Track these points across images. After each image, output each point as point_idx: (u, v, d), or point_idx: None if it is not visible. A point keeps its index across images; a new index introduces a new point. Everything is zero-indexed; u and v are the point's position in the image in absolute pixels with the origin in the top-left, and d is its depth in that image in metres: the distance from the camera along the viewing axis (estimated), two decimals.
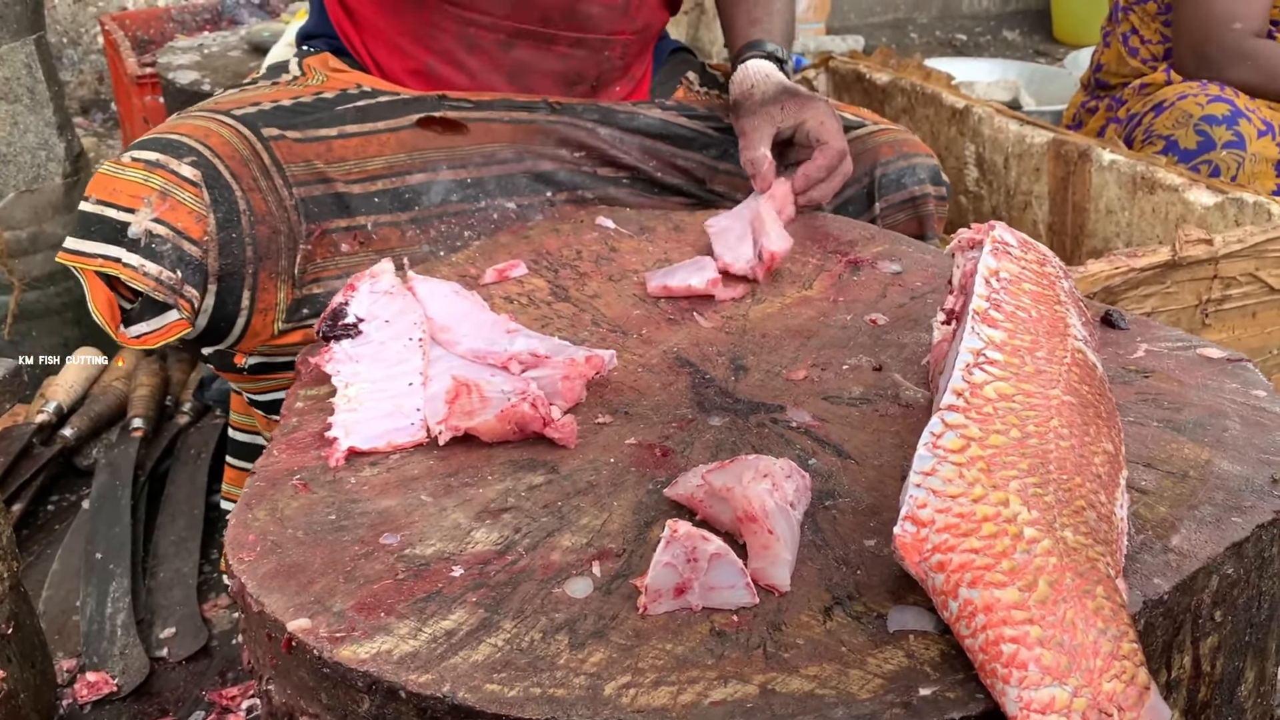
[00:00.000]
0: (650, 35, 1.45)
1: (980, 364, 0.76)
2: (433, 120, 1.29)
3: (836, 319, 1.06)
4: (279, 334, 1.18)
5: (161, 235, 1.08)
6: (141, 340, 1.12)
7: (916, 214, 1.40)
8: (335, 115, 1.27)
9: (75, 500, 1.80)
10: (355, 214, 1.23)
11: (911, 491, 0.68)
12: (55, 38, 3.80)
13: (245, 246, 1.13)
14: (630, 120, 1.38)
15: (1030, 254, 0.90)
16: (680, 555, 0.67)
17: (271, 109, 1.24)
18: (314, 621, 0.68)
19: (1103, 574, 0.64)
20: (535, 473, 0.83)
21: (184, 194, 1.10)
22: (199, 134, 1.15)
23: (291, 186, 1.19)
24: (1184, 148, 1.86)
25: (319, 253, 1.21)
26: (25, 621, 1.26)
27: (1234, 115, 1.83)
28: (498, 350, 0.95)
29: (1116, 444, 0.76)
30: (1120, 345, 0.98)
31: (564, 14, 1.32)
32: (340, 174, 1.23)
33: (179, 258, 1.09)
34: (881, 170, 1.38)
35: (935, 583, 0.65)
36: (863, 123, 1.43)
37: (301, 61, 1.38)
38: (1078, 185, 1.84)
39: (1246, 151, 1.81)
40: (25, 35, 1.88)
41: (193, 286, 1.10)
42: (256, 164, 1.17)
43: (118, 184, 1.11)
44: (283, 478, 0.83)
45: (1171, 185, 1.67)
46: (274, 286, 1.16)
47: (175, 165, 1.11)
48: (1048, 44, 5.12)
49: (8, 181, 1.89)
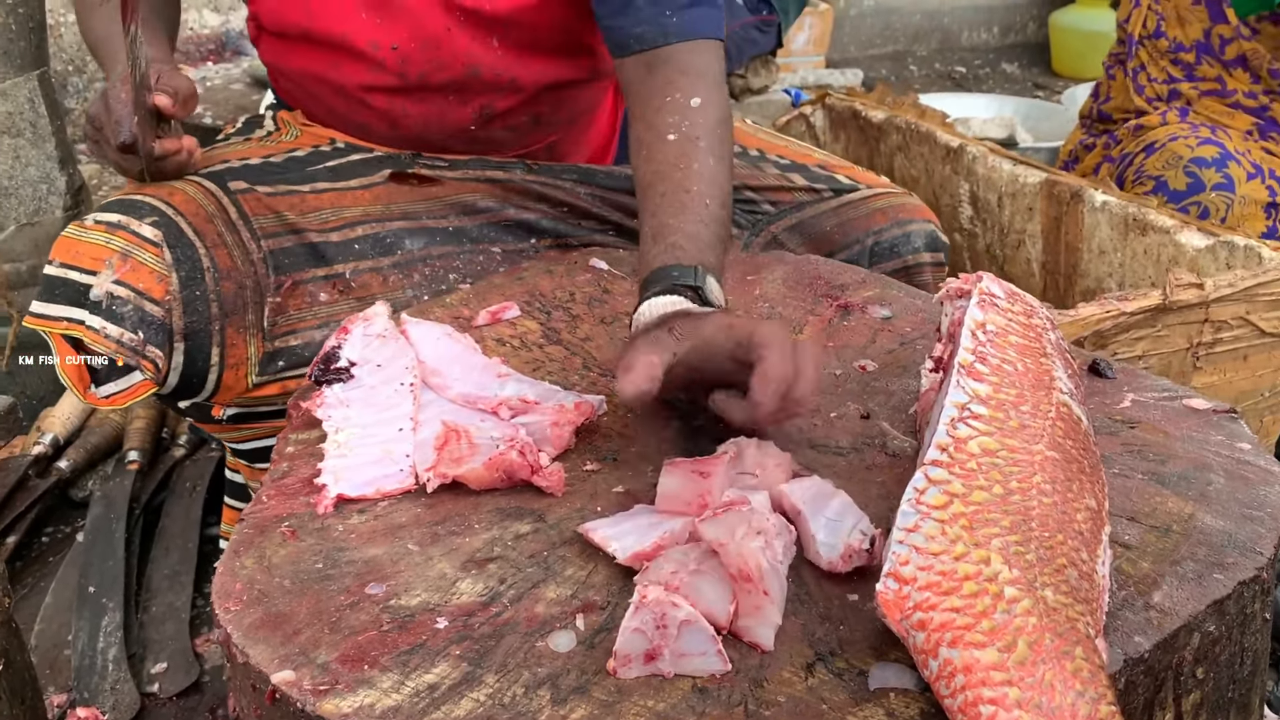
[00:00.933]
0: (581, 117, 1.41)
1: (965, 418, 0.77)
2: (405, 176, 1.30)
3: (826, 365, 1.07)
4: (254, 387, 1.18)
5: (123, 297, 1.09)
6: (110, 400, 1.12)
7: (911, 282, 1.39)
8: (306, 175, 1.27)
9: (70, 532, 1.80)
10: (332, 262, 1.23)
11: (894, 548, 0.69)
12: (61, 65, 3.83)
13: (210, 303, 1.13)
14: (609, 178, 1.37)
15: (1017, 305, 0.91)
16: (649, 621, 0.67)
17: (240, 166, 1.25)
18: (298, 673, 0.68)
19: (1082, 634, 0.64)
20: (522, 521, 0.84)
21: (145, 254, 1.11)
22: (163, 194, 1.16)
23: (260, 239, 1.19)
24: (1173, 189, 1.88)
25: (291, 304, 1.20)
26: (16, 657, 1.26)
27: (1224, 158, 1.85)
28: (488, 395, 0.95)
29: (1100, 499, 0.76)
30: (1107, 395, 0.99)
31: (466, 143, 1.32)
32: (315, 224, 1.23)
33: (140, 319, 1.09)
34: (874, 238, 1.36)
35: (916, 641, 0.65)
36: (856, 186, 1.41)
37: (275, 116, 1.39)
38: (1070, 225, 1.85)
39: (1235, 194, 1.83)
40: (29, 70, 1.89)
41: (155, 346, 1.10)
42: (222, 219, 1.17)
43: (80, 247, 1.11)
44: (271, 524, 0.84)
45: (1163, 227, 1.68)
46: (243, 341, 1.16)
47: (136, 226, 1.12)
48: (1047, 77, 5.15)
49: (8, 214, 1.91)
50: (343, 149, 1.32)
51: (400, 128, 1.30)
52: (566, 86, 1.34)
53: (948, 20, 5.54)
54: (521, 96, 1.30)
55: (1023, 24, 5.69)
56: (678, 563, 0.73)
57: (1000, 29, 5.65)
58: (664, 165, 1.07)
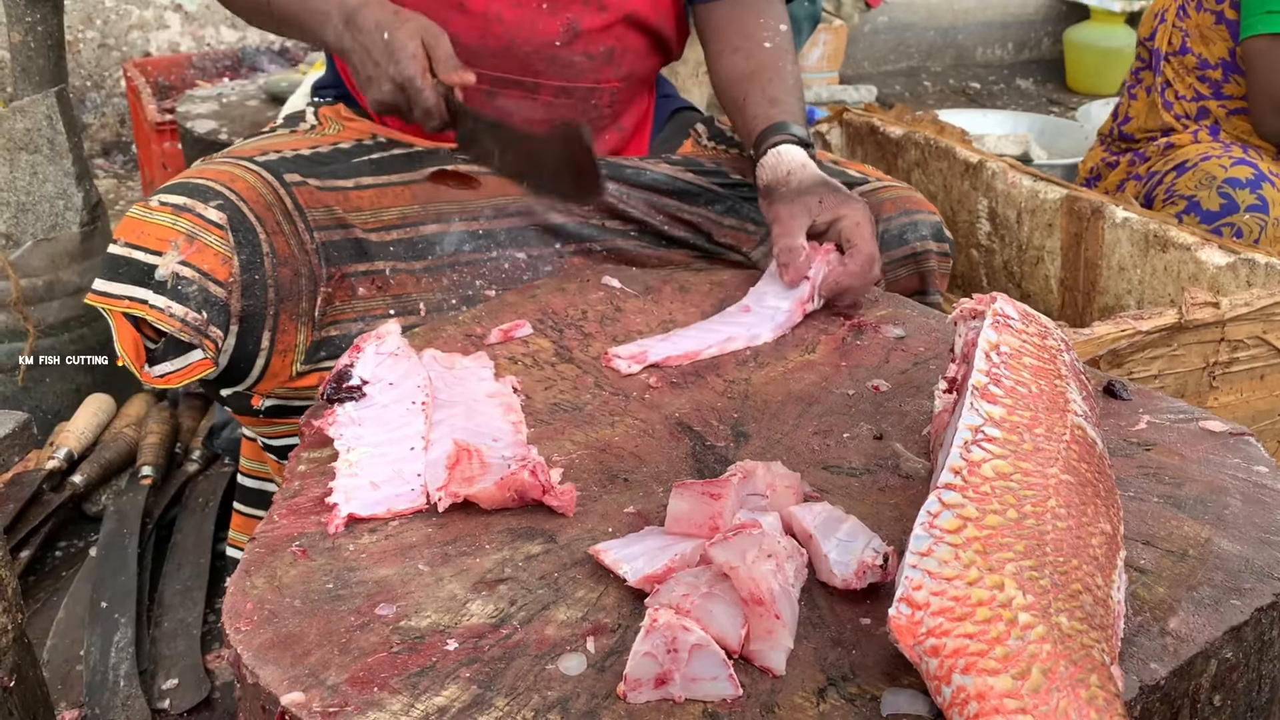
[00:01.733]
0: (638, 82, 1.45)
1: (978, 441, 0.76)
2: (445, 174, 1.31)
3: (839, 385, 1.06)
4: (297, 375, 1.19)
5: (188, 277, 1.11)
6: (165, 379, 1.15)
7: (918, 270, 1.40)
8: (351, 167, 1.29)
9: (83, 547, 1.81)
10: (374, 259, 1.25)
11: (907, 572, 0.68)
12: (79, 81, 3.87)
13: (268, 288, 1.15)
14: (638, 175, 1.39)
15: (1031, 327, 0.90)
16: (660, 645, 0.66)
17: (293, 157, 1.27)
18: (308, 695, 0.68)
19: (1097, 661, 0.63)
20: (533, 542, 0.84)
21: (210, 237, 1.13)
22: (225, 179, 1.18)
23: (313, 230, 1.21)
24: (1206, 209, 1.87)
25: (338, 296, 1.23)
26: (28, 673, 1.26)
27: (1259, 179, 1.83)
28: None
29: (1115, 524, 0.75)
30: (1122, 416, 0.98)
31: (546, 62, 1.34)
32: (358, 221, 1.26)
33: (204, 299, 1.11)
34: (884, 226, 1.39)
35: (929, 667, 0.64)
36: (866, 179, 1.44)
37: (317, 111, 1.41)
38: (1090, 242, 1.84)
39: (1270, 216, 1.81)
40: (47, 87, 1.91)
41: (217, 327, 1.12)
42: (280, 208, 1.19)
43: (146, 227, 1.14)
44: (282, 544, 0.83)
45: (1184, 244, 1.67)
46: (294, 328, 1.18)
47: (202, 209, 1.14)
48: (1061, 93, 5.15)
49: (25, 230, 1.92)
50: (384, 143, 1.34)
51: (489, 36, 1.31)
52: (643, 28, 1.38)
53: (962, 37, 5.54)
54: (606, 18, 1.34)
55: (1037, 40, 5.69)
56: (689, 585, 0.72)
57: (1015, 45, 5.65)
58: (764, 61, 1.38)
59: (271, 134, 1.37)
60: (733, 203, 1.41)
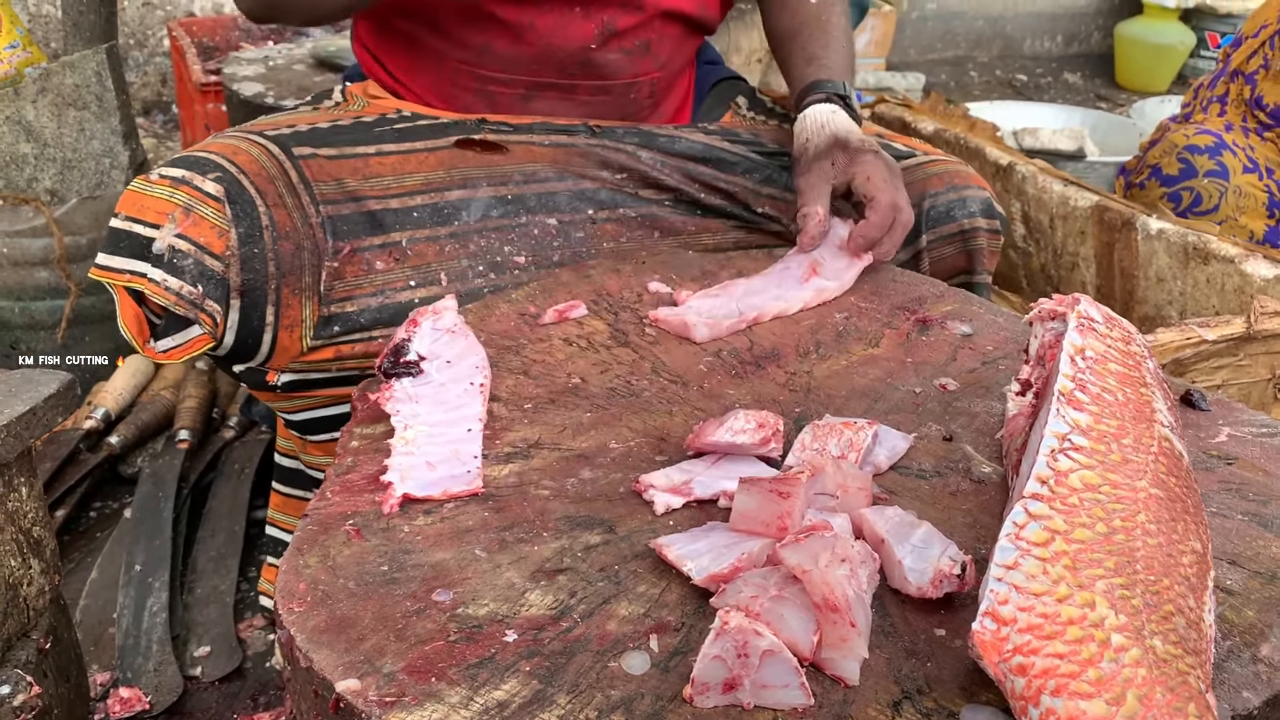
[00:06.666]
0: (678, 68, 1.42)
1: (1065, 450, 0.73)
2: (471, 142, 1.28)
3: (904, 382, 1.03)
4: (308, 350, 1.17)
5: (184, 250, 1.10)
6: (167, 355, 1.13)
7: (966, 247, 1.36)
8: (373, 135, 1.27)
9: (118, 508, 1.80)
10: (389, 230, 1.22)
11: (992, 585, 0.65)
12: (122, 39, 3.86)
13: (268, 262, 1.13)
14: (671, 144, 1.36)
15: (1115, 331, 0.87)
16: (730, 649, 0.64)
17: (307, 130, 1.25)
18: (363, 682, 0.66)
19: (1194, 689, 0.60)
20: (592, 531, 0.81)
21: (207, 209, 1.11)
22: (227, 151, 1.17)
23: (319, 204, 1.19)
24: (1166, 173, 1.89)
25: (349, 271, 1.20)
26: (63, 635, 1.25)
27: (1218, 146, 1.85)
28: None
29: (1204, 542, 0.72)
30: (1201, 428, 0.95)
31: (581, 65, 1.30)
32: (376, 190, 1.23)
33: (200, 272, 1.10)
34: (930, 202, 1.35)
35: (1015, 686, 0.62)
36: (913, 153, 1.40)
37: (344, 89, 1.39)
38: (1124, 252, 1.80)
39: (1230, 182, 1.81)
40: (97, 43, 1.89)
41: (214, 301, 1.11)
42: (283, 180, 1.17)
43: (145, 200, 1.13)
44: (335, 522, 0.81)
45: (1227, 256, 1.63)
46: (298, 302, 1.16)
47: (199, 181, 1.12)
48: (1109, 89, 5.06)
49: (71, 187, 1.90)
50: (409, 116, 1.32)
51: (523, 42, 1.28)
52: (678, 20, 1.35)
53: (1010, 27, 5.45)
54: (641, 17, 1.31)
55: (1087, 34, 5.59)
56: (757, 587, 0.70)
57: (1064, 38, 5.56)
58: (808, 17, 1.38)
59: (294, 111, 1.35)
60: (771, 172, 1.38)
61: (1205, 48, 4.92)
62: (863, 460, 0.87)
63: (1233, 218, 1.85)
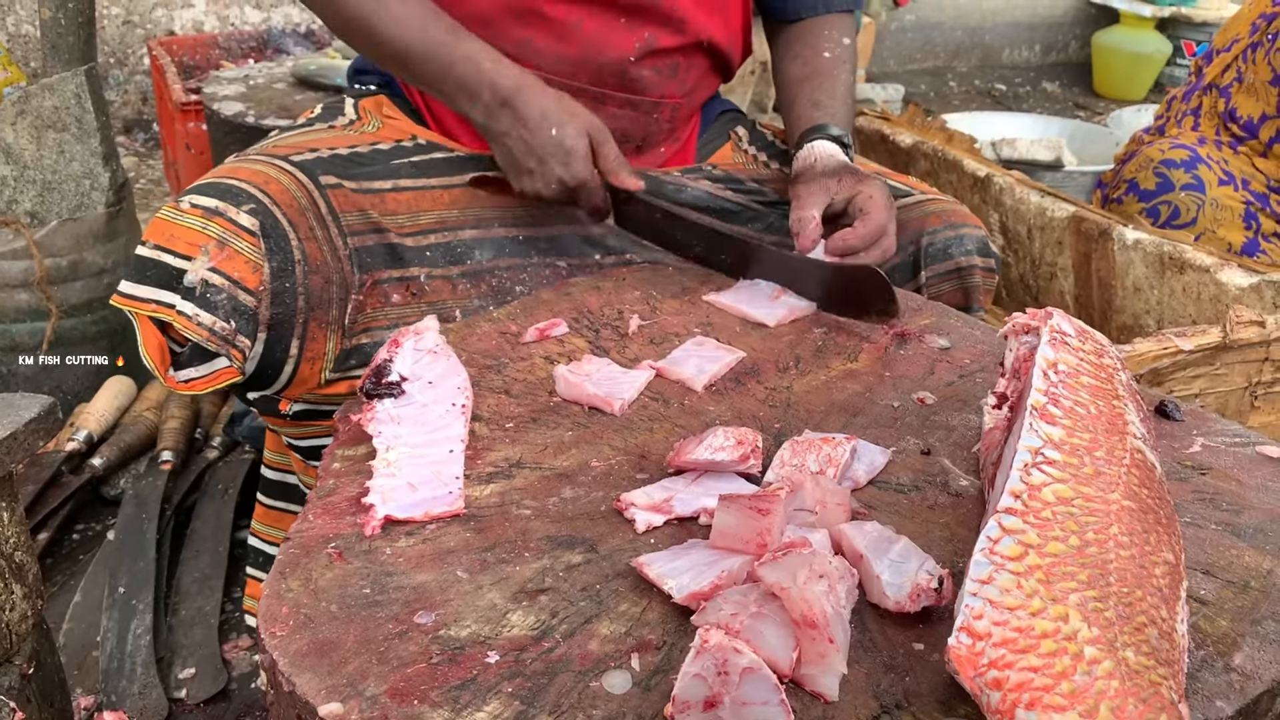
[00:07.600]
0: (698, 100, 1.45)
1: (1038, 464, 0.74)
2: (485, 180, 1.29)
3: (883, 397, 1.04)
4: (325, 383, 1.17)
5: (217, 285, 1.08)
6: (190, 385, 1.11)
7: (962, 285, 1.38)
8: (390, 169, 1.27)
9: (101, 530, 1.80)
10: (408, 265, 1.23)
11: (967, 600, 0.66)
12: (102, 58, 3.85)
13: (298, 296, 1.12)
14: (678, 193, 1.38)
15: (1088, 344, 0.88)
16: (710, 667, 0.64)
17: (329, 157, 1.24)
18: (346, 706, 0.66)
19: (1167, 700, 0.61)
20: (574, 551, 0.82)
21: (241, 243, 1.10)
22: (259, 180, 1.15)
23: (346, 236, 1.19)
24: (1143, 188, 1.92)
25: (370, 303, 1.20)
26: (46, 659, 1.25)
27: (1193, 160, 1.87)
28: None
29: (1177, 553, 0.73)
30: (1175, 438, 0.96)
31: (616, 76, 1.32)
32: (393, 226, 1.23)
33: (233, 308, 1.08)
34: (928, 239, 1.37)
35: (990, 700, 0.62)
36: (911, 191, 1.42)
37: (357, 105, 1.38)
38: (1101, 262, 1.82)
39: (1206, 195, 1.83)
40: (77, 65, 1.89)
41: (245, 336, 1.09)
42: (313, 212, 1.16)
43: (176, 230, 1.10)
44: (317, 545, 0.82)
45: (1202, 265, 1.65)
46: (324, 336, 1.15)
47: (233, 214, 1.11)
48: (1088, 97, 5.11)
49: (51, 209, 1.90)
50: (425, 145, 1.32)
51: (566, 44, 1.29)
52: (709, 52, 1.39)
53: (989, 37, 5.50)
54: (680, 40, 1.34)
55: (1064, 43, 5.64)
56: (737, 604, 0.70)
57: (1042, 47, 5.60)
58: (819, 69, 1.44)
59: (309, 128, 1.34)
60: (772, 221, 1.41)
61: (1181, 56, 4.97)
62: (841, 475, 0.88)
63: (1210, 230, 1.88)
